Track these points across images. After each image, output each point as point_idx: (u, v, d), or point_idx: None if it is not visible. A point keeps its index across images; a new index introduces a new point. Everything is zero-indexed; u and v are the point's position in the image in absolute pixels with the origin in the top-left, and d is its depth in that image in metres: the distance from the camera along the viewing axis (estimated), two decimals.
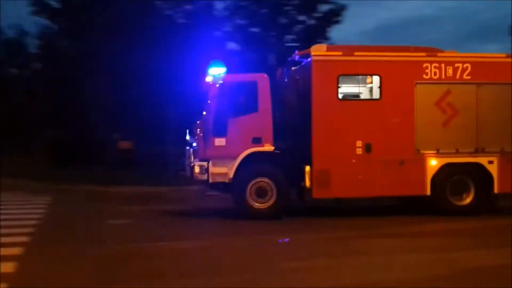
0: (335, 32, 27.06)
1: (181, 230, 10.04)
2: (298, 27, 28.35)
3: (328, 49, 11.28)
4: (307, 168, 10.60)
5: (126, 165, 19.85)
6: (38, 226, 10.12)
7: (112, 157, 20.77)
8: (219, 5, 27.82)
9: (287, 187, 10.72)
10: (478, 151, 11.03)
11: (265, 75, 10.94)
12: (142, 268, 7.00)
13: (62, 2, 24.87)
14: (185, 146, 11.75)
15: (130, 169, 19.25)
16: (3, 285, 6.02)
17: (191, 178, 11.08)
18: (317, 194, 10.70)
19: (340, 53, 11.07)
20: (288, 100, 11.15)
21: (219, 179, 10.66)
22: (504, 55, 11.59)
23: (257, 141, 10.58)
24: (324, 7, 26.90)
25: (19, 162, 20.90)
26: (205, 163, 10.63)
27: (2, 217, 11.00)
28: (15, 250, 7.80)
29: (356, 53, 11.02)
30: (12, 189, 16.06)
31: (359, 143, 10.67)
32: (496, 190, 11.02)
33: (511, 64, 11.14)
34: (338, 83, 10.77)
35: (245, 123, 10.62)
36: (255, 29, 28.66)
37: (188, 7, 27.14)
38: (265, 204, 10.64)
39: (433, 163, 10.91)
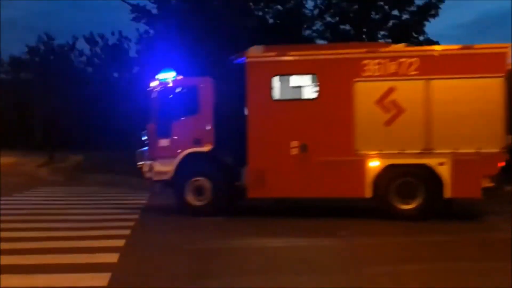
0: (430, 27, 25.73)
1: (272, 227, 10.15)
2: (392, 22, 27.51)
3: (265, 51, 11.01)
4: (244, 168, 10.67)
5: None
6: (138, 220, 10.75)
7: None
8: (309, 4, 27.70)
9: (223, 186, 10.92)
10: (426, 152, 10.07)
11: (207, 79, 11.29)
12: (234, 264, 7.23)
13: (159, 7, 26.07)
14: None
15: None
16: (108, 274, 6.49)
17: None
18: (252, 193, 10.73)
19: (274, 53, 10.80)
20: (229, 102, 11.13)
21: (163, 177, 11.14)
22: (456, 46, 10.42)
23: (197, 142, 10.98)
24: (420, 0, 25.77)
25: (120, 159, 22.15)
26: (151, 163, 11.22)
27: (105, 211, 11.83)
28: (118, 242, 8.38)
29: (291, 53, 10.74)
30: (113, 184, 17.15)
31: (294, 144, 10.46)
32: (447, 194, 10.04)
33: (464, 55, 10.13)
34: (272, 84, 10.66)
35: (186, 125, 11.06)
36: (346, 27, 28.22)
37: (279, 7, 27.32)
38: (203, 202, 10.98)
39: (374, 164, 10.25)
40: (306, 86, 10.93)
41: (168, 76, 11.43)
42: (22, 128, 49.38)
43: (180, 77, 11.64)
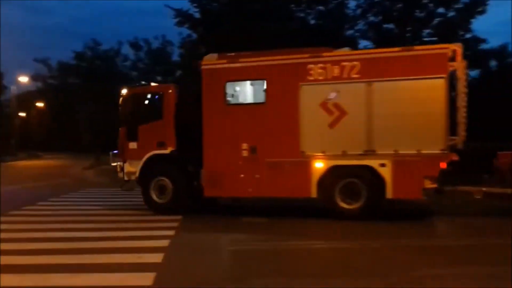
0: (477, 24, 24.94)
1: (315, 230, 10.08)
2: (437, 20, 26.85)
3: (219, 58, 11.53)
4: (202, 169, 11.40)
5: None
6: (181, 221, 10.85)
7: None
8: (351, 4, 27.38)
9: (183, 186, 11.66)
10: (368, 153, 10.18)
11: (171, 86, 12.11)
12: (276, 265, 7.17)
13: (202, 12, 26.35)
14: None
15: None
16: (152, 274, 6.54)
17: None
18: (208, 192, 11.42)
19: (226, 60, 11.33)
20: (190, 107, 11.63)
21: (132, 177, 12.17)
22: (397, 48, 10.44)
23: (161, 144, 11.78)
24: None
25: None
26: (122, 163, 12.24)
27: (149, 212, 11.98)
28: (163, 243, 8.47)
29: (241, 60, 11.23)
30: None
31: (245, 146, 10.97)
32: (389, 195, 10.14)
33: (405, 57, 10.13)
34: (225, 90, 11.18)
35: (152, 129, 11.88)
36: (389, 26, 27.73)
37: (321, 7, 27.10)
38: (165, 200, 11.77)
39: (319, 165, 10.53)
40: (256, 91, 11.44)
41: (139, 84, 12.75)
42: (69, 131, 51.01)
43: (149, 84, 12.78)
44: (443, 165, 9.83)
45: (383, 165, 10.11)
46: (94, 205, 13.32)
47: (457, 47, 10.11)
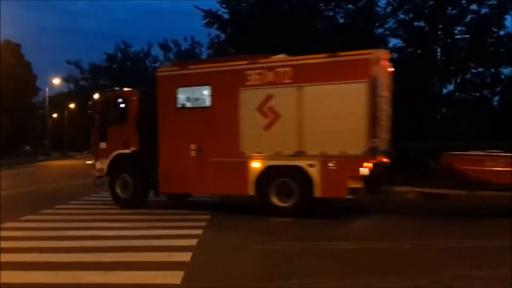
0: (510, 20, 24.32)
1: (344, 230, 9.99)
2: (469, 17, 26.24)
3: (172, 65, 13.12)
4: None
5: None
6: (209, 220, 10.91)
7: None
8: (381, 2, 26.98)
9: (142, 183, 12.80)
10: (299, 154, 10.77)
11: (135, 91, 13.22)
12: (304, 266, 7.12)
13: (231, 12, 26.38)
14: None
15: None
16: (181, 272, 6.59)
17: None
18: (162, 189, 12.51)
19: (177, 68, 12.62)
20: (150, 111, 12.59)
21: (101, 174, 13.38)
22: (324, 55, 10.80)
23: (126, 145, 12.89)
24: None
25: None
26: (94, 161, 13.55)
27: (177, 211, 12.09)
28: (191, 241, 8.52)
29: (190, 67, 12.35)
30: None
31: (193, 147, 11.86)
32: (317, 194, 10.66)
33: (331, 63, 10.60)
34: (176, 95, 12.15)
35: (118, 131, 13.02)
36: (420, 23, 27.24)
37: (350, 6, 26.78)
38: (127, 195, 12.91)
39: (257, 165, 11.22)
40: (203, 96, 12.18)
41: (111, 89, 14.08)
42: None
43: (118, 90, 14.42)
44: (366, 166, 10.20)
45: (311, 165, 10.68)
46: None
47: (381, 53, 10.65)
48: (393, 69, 11.03)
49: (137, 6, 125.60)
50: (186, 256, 7.47)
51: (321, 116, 10.57)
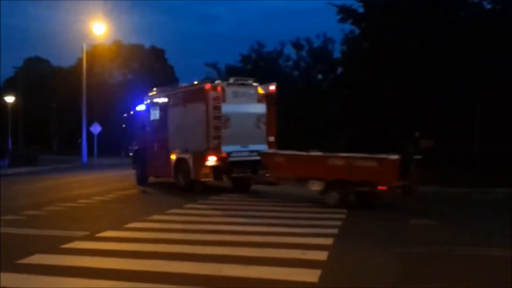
0: None
1: (488, 236, 9.28)
2: None
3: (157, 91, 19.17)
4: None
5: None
6: (345, 220, 10.80)
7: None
8: None
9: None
10: (186, 150, 16.59)
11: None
12: (445, 272, 6.76)
13: (366, 6, 25.74)
14: None
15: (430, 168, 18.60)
16: (318, 271, 6.61)
17: None
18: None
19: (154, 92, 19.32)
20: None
21: None
22: (189, 84, 17.43)
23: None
24: None
25: None
26: None
27: (314, 209, 12.10)
28: (327, 240, 8.52)
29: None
30: None
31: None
32: (192, 177, 16.17)
33: (190, 90, 16.87)
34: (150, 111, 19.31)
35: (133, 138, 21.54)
36: None
37: None
38: None
39: (173, 157, 17.26)
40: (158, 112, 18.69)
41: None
42: None
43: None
44: (211, 160, 15.23)
45: (190, 158, 15.99)
46: (261, 202, 13.93)
47: (217, 84, 15.62)
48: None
49: (269, 7, 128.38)
50: (322, 255, 7.47)
51: (192, 126, 16.17)
